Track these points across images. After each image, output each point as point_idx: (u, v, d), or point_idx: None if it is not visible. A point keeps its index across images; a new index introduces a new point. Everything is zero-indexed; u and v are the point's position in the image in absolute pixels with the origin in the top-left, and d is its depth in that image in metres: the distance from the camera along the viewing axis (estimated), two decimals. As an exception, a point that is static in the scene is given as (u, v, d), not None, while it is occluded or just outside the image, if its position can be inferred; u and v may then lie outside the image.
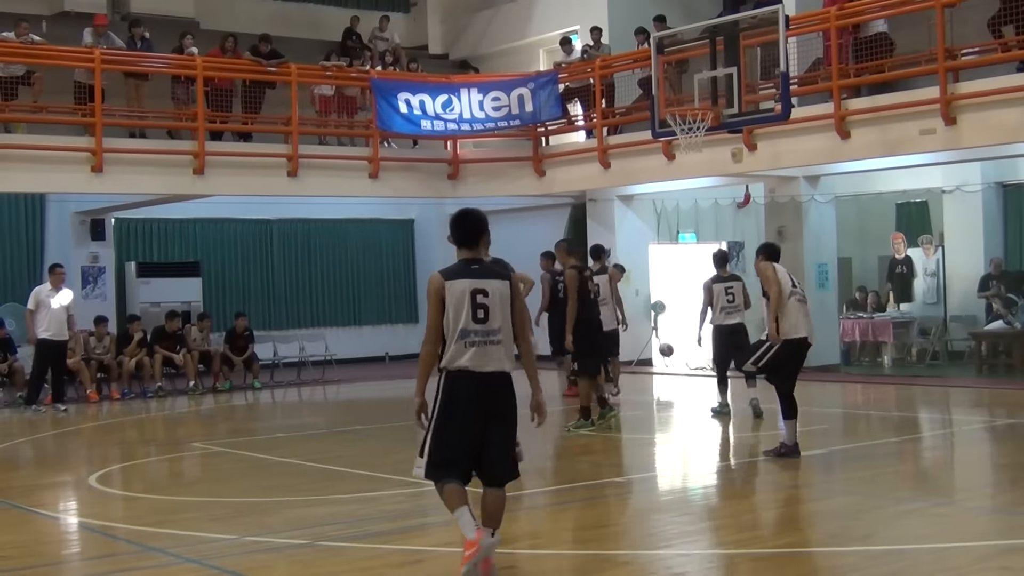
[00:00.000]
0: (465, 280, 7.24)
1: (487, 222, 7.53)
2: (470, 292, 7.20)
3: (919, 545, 8.08)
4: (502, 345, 7.24)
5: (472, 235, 7.43)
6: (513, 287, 7.37)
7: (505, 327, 7.25)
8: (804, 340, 11.69)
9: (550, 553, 8.20)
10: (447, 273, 7.30)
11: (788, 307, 11.58)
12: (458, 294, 7.19)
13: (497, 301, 7.23)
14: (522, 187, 22.58)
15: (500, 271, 7.48)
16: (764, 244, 12.51)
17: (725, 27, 16.02)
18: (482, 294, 7.21)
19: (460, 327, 7.17)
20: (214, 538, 8.95)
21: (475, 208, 7.62)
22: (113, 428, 16.87)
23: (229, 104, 20.45)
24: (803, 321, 11.61)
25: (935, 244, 21.14)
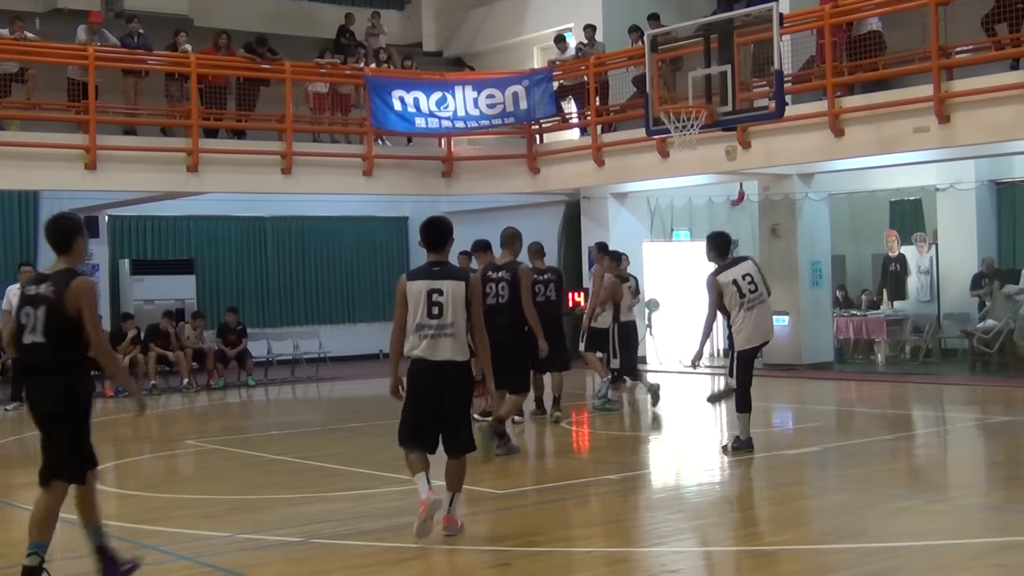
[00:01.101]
0: (423, 281, 8.35)
1: (452, 229, 8.65)
2: (426, 291, 8.28)
3: (913, 542, 8.09)
4: (454, 338, 8.27)
5: (438, 240, 8.53)
6: (471, 289, 8.36)
7: (458, 322, 8.27)
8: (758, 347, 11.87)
9: (544, 550, 8.19)
10: (411, 274, 8.52)
11: (739, 318, 11.64)
12: (416, 293, 8.31)
13: (450, 299, 8.25)
14: (516, 185, 22.57)
15: (458, 274, 8.49)
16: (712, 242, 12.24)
17: (719, 25, 16.01)
18: (437, 293, 8.27)
19: (416, 321, 8.28)
20: (208, 535, 8.95)
21: (442, 216, 8.82)
22: (106, 425, 16.84)
23: (223, 101, 20.42)
24: (757, 330, 11.66)
25: (929, 242, 21.15)
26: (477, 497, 10.14)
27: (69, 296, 7.01)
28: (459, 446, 8.44)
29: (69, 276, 7.08)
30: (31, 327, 7.09)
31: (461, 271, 8.77)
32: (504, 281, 12.48)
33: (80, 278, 7.10)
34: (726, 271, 11.79)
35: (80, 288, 7.03)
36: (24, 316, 7.12)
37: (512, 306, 12.30)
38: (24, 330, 7.13)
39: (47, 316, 7.02)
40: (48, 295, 7.03)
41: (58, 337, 7.04)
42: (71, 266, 7.19)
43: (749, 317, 11.64)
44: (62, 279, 7.06)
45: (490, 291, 12.22)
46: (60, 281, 7.05)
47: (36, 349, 7.09)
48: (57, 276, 7.10)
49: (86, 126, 18.44)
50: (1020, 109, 15.56)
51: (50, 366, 7.09)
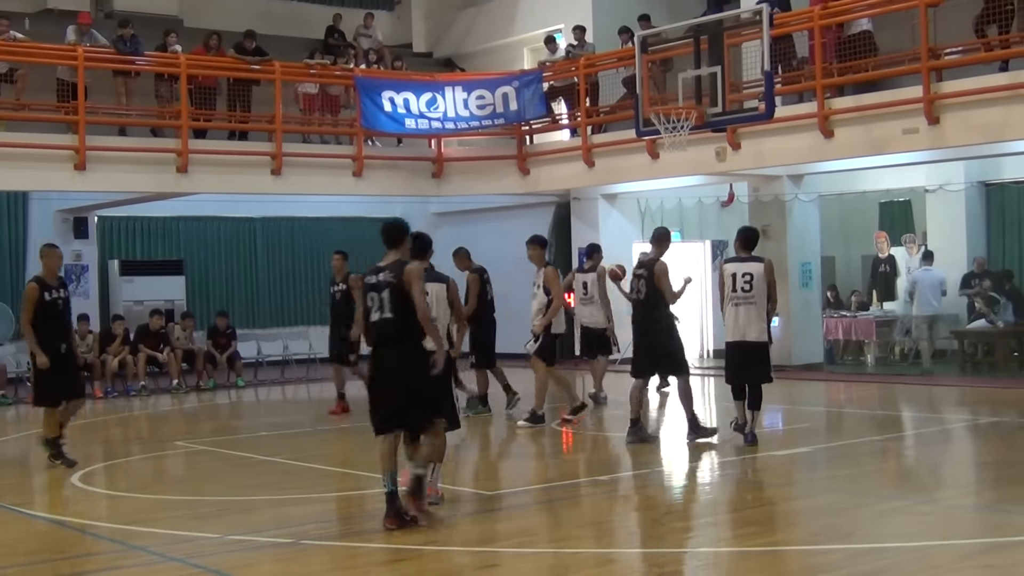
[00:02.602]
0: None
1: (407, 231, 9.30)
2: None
3: (902, 543, 8.10)
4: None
5: (394, 241, 9.13)
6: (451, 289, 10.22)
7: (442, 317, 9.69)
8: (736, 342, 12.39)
9: (534, 552, 8.20)
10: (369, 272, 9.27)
11: (727, 311, 12.42)
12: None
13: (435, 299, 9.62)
14: (506, 185, 22.57)
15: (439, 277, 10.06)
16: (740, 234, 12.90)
17: (709, 26, 16.03)
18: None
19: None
20: (198, 536, 8.93)
21: (399, 218, 9.77)
22: (96, 427, 16.82)
23: (213, 102, 20.39)
24: (732, 326, 12.37)
25: (918, 243, 21.19)
26: (468, 498, 10.14)
27: (405, 279, 8.71)
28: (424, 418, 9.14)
29: (402, 264, 8.85)
30: (377, 307, 8.83)
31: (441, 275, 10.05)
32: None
33: (410, 265, 8.89)
34: (734, 263, 12.49)
35: (411, 272, 8.79)
36: (370, 300, 8.87)
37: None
38: (371, 311, 8.86)
39: (391, 297, 8.71)
40: (390, 280, 8.78)
41: (401, 313, 8.67)
42: (400, 258, 8.95)
43: (733, 313, 12.30)
44: (398, 267, 8.82)
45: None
46: (396, 269, 8.80)
47: (383, 325, 8.78)
48: (393, 266, 8.87)
49: (75, 127, 18.39)
50: (1009, 110, 15.59)
51: (397, 336, 8.74)
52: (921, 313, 20.08)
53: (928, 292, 20.04)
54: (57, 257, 12.62)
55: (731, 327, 12.42)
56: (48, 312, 12.07)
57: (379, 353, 8.94)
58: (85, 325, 19.99)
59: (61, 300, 12.22)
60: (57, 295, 12.15)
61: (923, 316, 20.10)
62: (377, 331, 8.89)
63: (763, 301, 12.27)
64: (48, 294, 12.06)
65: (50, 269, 12.35)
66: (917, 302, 20.10)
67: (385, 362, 8.87)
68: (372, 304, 8.88)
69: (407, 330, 8.78)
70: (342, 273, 16.61)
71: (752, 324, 12.27)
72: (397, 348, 8.80)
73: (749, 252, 12.56)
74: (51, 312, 12.11)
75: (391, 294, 8.78)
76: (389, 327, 8.81)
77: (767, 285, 12.31)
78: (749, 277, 12.24)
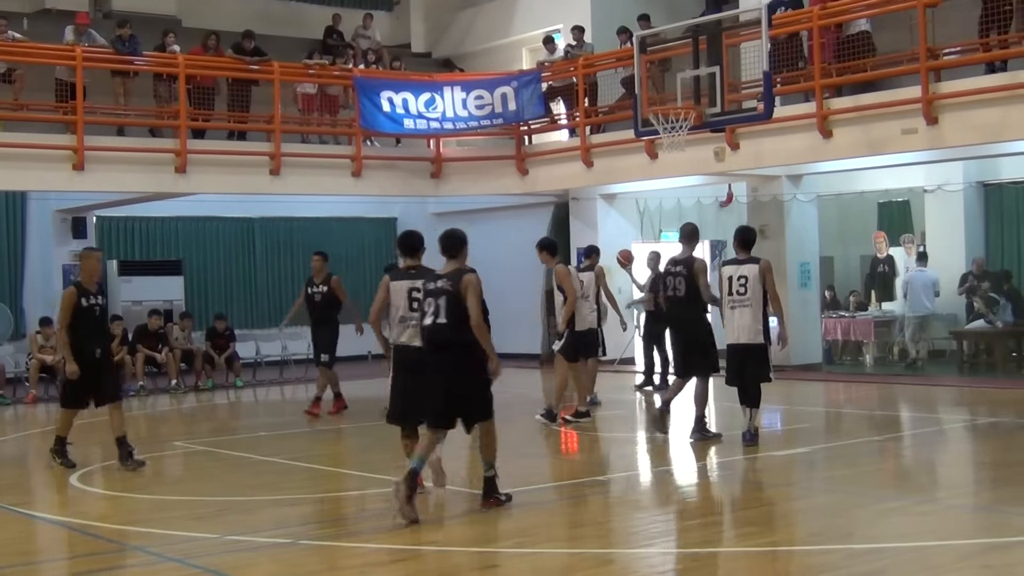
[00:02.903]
0: (405, 281, 9.95)
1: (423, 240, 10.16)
2: (406, 289, 9.89)
3: (901, 543, 8.10)
4: None
5: (412, 249, 10.10)
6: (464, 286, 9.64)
7: None
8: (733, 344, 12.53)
9: (533, 552, 8.20)
10: (393, 275, 10.16)
11: (725, 313, 12.53)
12: (399, 290, 9.94)
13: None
14: (505, 186, 22.57)
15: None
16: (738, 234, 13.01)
17: (708, 26, 16.02)
18: (416, 291, 9.79)
19: (399, 315, 9.95)
20: (196, 537, 8.93)
21: (415, 229, 10.44)
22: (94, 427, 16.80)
23: (211, 102, 20.38)
24: (728, 328, 12.51)
25: (917, 243, 21.19)
26: (466, 499, 10.14)
27: (462, 287, 9.26)
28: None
29: (461, 273, 9.36)
30: (432, 312, 9.37)
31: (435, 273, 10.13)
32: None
33: (468, 274, 9.38)
34: (731, 265, 12.59)
35: (468, 281, 9.32)
36: (427, 304, 9.45)
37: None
38: (425, 315, 9.44)
39: (447, 303, 9.25)
40: (447, 288, 9.30)
41: (455, 319, 9.22)
42: (460, 267, 9.44)
43: (729, 316, 12.44)
44: (456, 276, 9.34)
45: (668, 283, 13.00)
46: (455, 278, 9.32)
47: (437, 331, 9.35)
48: (451, 274, 9.38)
49: (74, 127, 18.38)
50: (1008, 111, 15.59)
51: (450, 341, 9.26)
52: (914, 313, 20.11)
53: (921, 292, 20.06)
54: (96, 260, 12.43)
55: (728, 330, 12.55)
56: (84, 318, 11.89)
57: (430, 355, 9.51)
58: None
59: (98, 307, 12.09)
60: (95, 301, 12.00)
61: (916, 316, 20.12)
62: (430, 334, 9.44)
63: (758, 303, 12.32)
64: (86, 300, 11.92)
65: (88, 273, 12.13)
66: (910, 302, 20.14)
67: (435, 364, 9.41)
68: (428, 308, 9.45)
69: (459, 336, 9.28)
70: (322, 275, 16.45)
71: (746, 326, 12.34)
72: (448, 352, 9.33)
73: (747, 252, 12.61)
74: (87, 318, 11.93)
75: (447, 301, 9.31)
76: (443, 332, 9.33)
77: (763, 286, 12.33)
78: (744, 280, 12.34)
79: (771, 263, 12.88)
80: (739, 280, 12.35)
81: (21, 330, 21.81)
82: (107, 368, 12.37)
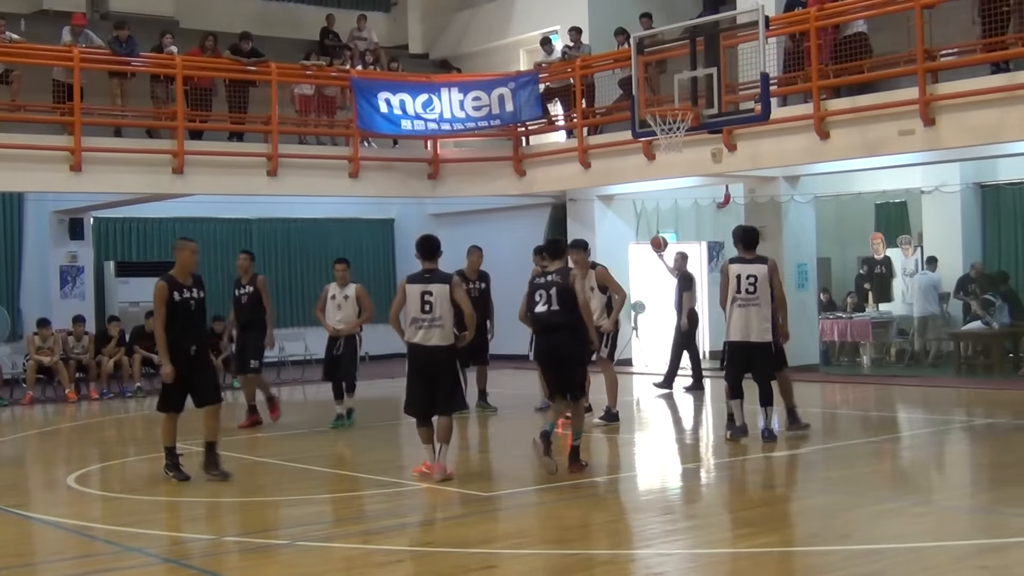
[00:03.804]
0: (419, 284, 10.83)
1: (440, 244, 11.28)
2: (419, 292, 10.76)
3: (898, 544, 8.10)
4: (442, 328, 10.76)
5: (430, 253, 11.11)
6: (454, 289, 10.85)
7: (446, 316, 10.75)
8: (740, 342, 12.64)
9: (531, 553, 8.19)
10: (410, 278, 11.01)
11: (731, 311, 12.67)
12: (414, 293, 10.80)
13: (438, 299, 10.73)
14: (502, 187, 22.57)
15: (444, 278, 10.93)
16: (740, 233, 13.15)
17: (705, 27, 16.04)
18: (428, 294, 10.75)
19: (412, 316, 10.77)
20: (193, 538, 8.93)
21: (432, 234, 11.42)
22: (92, 428, 16.81)
23: (209, 103, 20.37)
24: (736, 326, 12.61)
25: (914, 244, 21.20)
26: (464, 499, 10.14)
27: (570, 280, 11.15)
28: (447, 407, 10.81)
29: (567, 270, 11.36)
30: (544, 301, 11.19)
31: (446, 275, 11.05)
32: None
33: (573, 271, 11.50)
34: (739, 264, 12.67)
35: (574, 275, 11.27)
36: (538, 295, 11.23)
37: None
38: (538, 303, 11.22)
39: (558, 293, 11.10)
40: (557, 281, 11.17)
41: (566, 306, 11.05)
42: (563, 266, 11.39)
43: (738, 314, 12.51)
44: (564, 272, 11.28)
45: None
46: (563, 273, 11.24)
47: (551, 315, 11.16)
48: (560, 271, 11.29)
49: (71, 128, 18.38)
50: (1005, 112, 15.61)
51: (561, 324, 11.09)
52: (922, 314, 20.17)
53: (921, 295, 20.10)
54: (190, 252, 11.65)
55: (735, 327, 12.60)
56: (178, 313, 11.17)
57: (544, 337, 11.34)
58: (81, 326, 20.01)
59: (194, 301, 11.32)
60: (189, 295, 11.31)
61: (920, 318, 20.17)
62: (544, 319, 11.25)
63: (767, 302, 12.46)
64: (179, 294, 11.25)
65: (182, 266, 11.53)
66: (919, 304, 20.21)
67: (550, 344, 11.25)
68: (539, 299, 11.25)
69: (567, 319, 11.13)
70: (249, 275, 15.34)
71: (756, 325, 12.47)
72: (559, 333, 11.13)
73: (753, 252, 12.72)
74: (181, 313, 11.20)
75: (557, 292, 11.16)
76: (555, 316, 11.16)
77: (771, 286, 12.48)
78: (753, 279, 12.45)
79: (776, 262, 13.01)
80: (748, 279, 12.46)
81: (18, 331, 21.80)
82: (203, 367, 11.48)
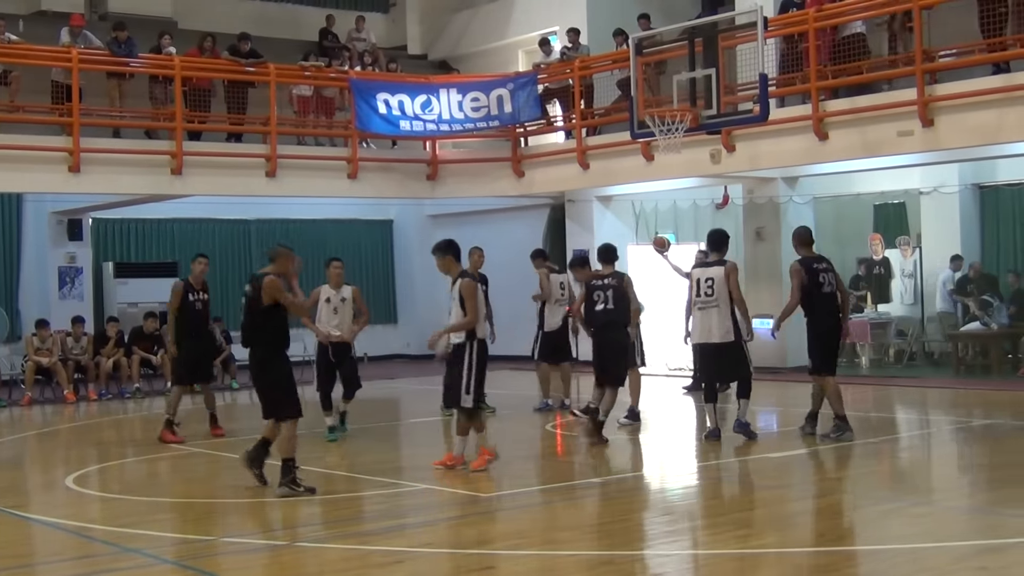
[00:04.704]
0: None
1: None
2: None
3: (897, 545, 8.10)
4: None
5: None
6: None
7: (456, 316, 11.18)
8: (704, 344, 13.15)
9: (529, 553, 8.19)
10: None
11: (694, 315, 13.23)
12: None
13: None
14: (501, 188, 22.57)
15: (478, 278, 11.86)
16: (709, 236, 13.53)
17: (704, 28, 16.04)
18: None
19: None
20: (192, 539, 8.93)
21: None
22: (90, 429, 16.81)
23: (207, 104, 20.37)
24: (696, 329, 13.18)
25: (912, 245, 21.21)
26: (462, 500, 10.14)
27: (624, 283, 13.21)
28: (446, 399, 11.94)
29: (621, 275, 13.45)
30: (602, 301, 13.07)
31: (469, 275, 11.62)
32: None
33: (627, 276, 13.63)
34: (700, 268, 13.22)
35: (629, 280, 13.50)
36: (596, 296, 13.11)
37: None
38: (596, 303, 13.08)
39: (615, 295, 13.06)
40: (613, 284, 13.14)
41: (620, 306, 13.07)
42: (616, 270, 13.41)
43: (697, 316, 13.09)
44: (619, 276, 13.36)
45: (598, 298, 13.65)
46: (618, 277, 13.30)
47: (607, 313, 13.05)
48: (614, 274, 13.32)
49: (70, 128, 18.38)
50: (1003, 113, 15.62)
51: (617, 324, 13.13)
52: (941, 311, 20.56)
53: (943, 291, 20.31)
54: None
55: (696, 330, 13.15)
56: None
57: (600, 332, 13.09)
58: (80, 327, 20.00)
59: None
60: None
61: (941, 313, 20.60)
62: (602, 317, 13.05)
63: (726, 304, 12.79)
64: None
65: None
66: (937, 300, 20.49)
67: (605, 338, 13.04)
68: (598, 299, 13.08)
69: (622, 317, 13.15)
70: (201, 280, 14.55)
71: (716, 327, 12.83)
72: (613, 329, 13.08)
73: (717, 255, 13.09)
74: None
75: (613, 293, 13.07)
76: (611, 315, 13.04)
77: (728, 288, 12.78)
78: (711, 282, 12.84)
79: (737, 265, 13.24)
80: (706, 282, 12.87)
81: (17, 332, 21.79)
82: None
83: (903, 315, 21.23)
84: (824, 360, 13.01)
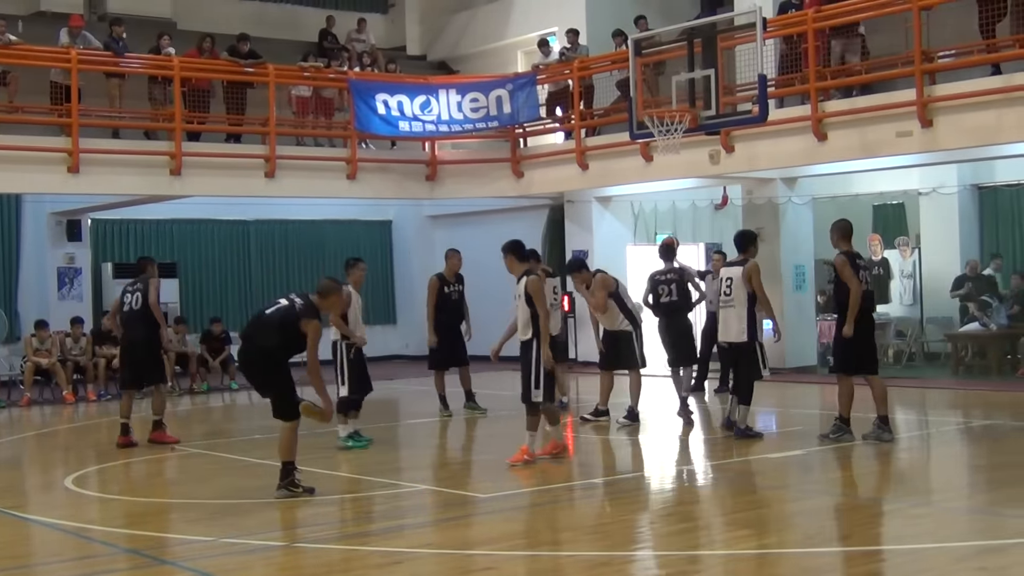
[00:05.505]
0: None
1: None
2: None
3: (896, 546, 8.11)
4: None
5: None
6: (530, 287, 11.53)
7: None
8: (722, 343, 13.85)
9: (529, 554, 8.19)
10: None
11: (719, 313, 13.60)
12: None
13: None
14: (500, 188, 22.57)
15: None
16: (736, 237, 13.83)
17: (703, 29, 16.05)
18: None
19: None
20: (190, 540, 8.92)
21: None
22: (89, 429, 16.80)
23: (207, 105, 20.37)
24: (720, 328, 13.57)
25: (911, 246, 21.21)
26: (461, 501, 10.14)
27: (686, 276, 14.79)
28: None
29: (682, 268, 15.00)
30: (667, 294, 14.63)
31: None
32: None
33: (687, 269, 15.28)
34: (725, 267, 13.55)
35: (690, 273, 15.21)
36: (661, 288, 14.66)
37: None
38: (660, 296, 14.61)
39: (678, 287, 14.59)
40: (675, 278, 14.68)
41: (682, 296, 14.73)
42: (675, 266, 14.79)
43: (720, 316, 13.34)
44: (680, 270, 14.90)
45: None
46: (679, 271, 14.81)
47: (672, 303, 14.66)
48: (674, 269, 14.78)
49: (69, 129, 18.38)
50: (1002, 113, 15.62)
51: (682, 311, 14.78)
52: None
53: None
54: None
55: (719, 329, 13.51)
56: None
57: (666, 320, 14.68)
58: (79, 328, 19.99)
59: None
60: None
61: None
62: (667, 306, 14.64)
63: (743, 304, 12.88)
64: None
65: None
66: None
67: (671, 324, 14.66)
68: (663, 291, 14.63)
69: (686, 305, 14.84)
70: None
71: (732, 326, 13.05)
72: (678, 316, 14.74)
73: (741, 254, 13.23)
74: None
75: (677, 286, 14.64)
76: (675, 304, 14.60)
77: (748, 288, 12.84)
78: (730, 281, 13.05)
79: (758, 265, 13.15)
80: (726, 282, 13.10)
81: (16, 333, 21.79)
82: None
83: (902, 316, 21.23)
84: (863, 360, 12.91)
